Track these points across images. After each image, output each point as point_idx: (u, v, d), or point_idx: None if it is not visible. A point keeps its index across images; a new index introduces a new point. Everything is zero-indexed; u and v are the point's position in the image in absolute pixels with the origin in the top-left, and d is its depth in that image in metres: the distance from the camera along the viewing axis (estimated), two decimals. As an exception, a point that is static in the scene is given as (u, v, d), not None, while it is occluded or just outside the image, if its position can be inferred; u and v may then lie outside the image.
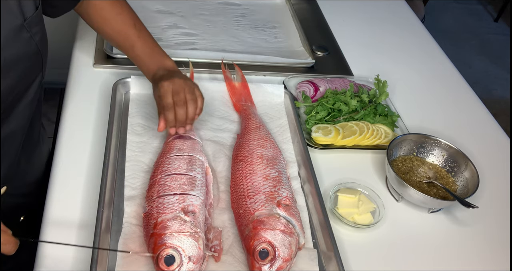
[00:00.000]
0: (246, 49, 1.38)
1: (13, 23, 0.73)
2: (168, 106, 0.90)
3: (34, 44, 0.79)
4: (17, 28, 0.74)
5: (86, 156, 0.98)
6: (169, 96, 0.90)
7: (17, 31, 0.74)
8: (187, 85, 0.92)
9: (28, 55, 0.79)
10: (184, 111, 0.91)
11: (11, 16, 0.73)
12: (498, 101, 3.07)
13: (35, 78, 0.85)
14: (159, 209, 0.81)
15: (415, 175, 1.05)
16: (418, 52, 1.56)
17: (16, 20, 0.74)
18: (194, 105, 0.92)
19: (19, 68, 0.78)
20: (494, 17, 4.06)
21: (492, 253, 0.98)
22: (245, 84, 1.17)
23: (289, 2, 1.62)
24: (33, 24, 0.77)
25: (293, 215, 0.85)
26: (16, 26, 0.74)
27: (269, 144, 0.99)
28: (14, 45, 0.75)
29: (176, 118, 0.91)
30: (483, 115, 1.36)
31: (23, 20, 0.75)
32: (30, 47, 0.78)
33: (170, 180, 0.86)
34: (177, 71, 0.98)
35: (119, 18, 0.99)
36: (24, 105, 0.85)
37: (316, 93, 1.21)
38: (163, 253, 0.75)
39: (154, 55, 0.99)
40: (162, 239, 0.76)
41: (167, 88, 0.90)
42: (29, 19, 0.76)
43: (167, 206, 0.81)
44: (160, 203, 0.82)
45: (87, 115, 1.07)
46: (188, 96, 0.91)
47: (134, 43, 0.99)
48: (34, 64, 0.82)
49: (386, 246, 0.94)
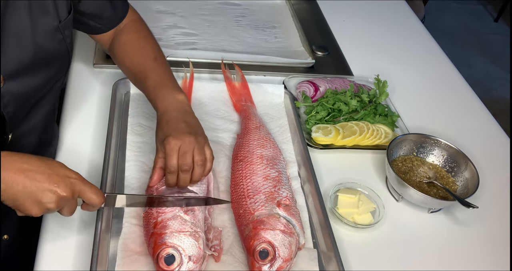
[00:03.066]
0: (246, 49, 1.38)
1: (52, 23, 0.79)
2: (172, 170, 0.81)
3: (65, 46, 0.83)
4: (54, 29, 0.80)
5: (86, 155, 0.98)
6: (175, 157, 0.80)
7: (53, 32, 0.80)
8: (197, 143, 0.82)
9: (60, 55, 0.84)
10: (189, 177, 0.82)
11: (50, 17, 0.79)
12: (498, 101, 3.07)
13: (61, 78, 0.89)
14: (158, 209, 0.81)
15: (415, 175, 1.05)
16: (418, 52, 1.56)
17: (53, 21, 0.79)
18: (201, 169, 0.82)
19: (51, 67, 0.83)
20: (494, 17, 4.06)
21: (492, 253, 0.98)
22: (245, 84, 1.17)
23: (289, 2, 1.62)
24: (66, 27, 0.82)
25: (293, 215, 0.85)
26: (53, 27, 0.79)
27: (269, 144, 0.99)
28: (49, 45, 0.80)
29: (177, 183, 0.83)
30: (483, 115, 1.36)
31: (58, 22, 0.80)
32: (62, 48, 0.83)
33: None
34: (189, 112, 0.88)
35: (141, 51, 0.96)
36: (46, 102, 0.89)
37: (316, 93, 1.21)
38: (163, 252, 0.75)
39: (166, 87, 0.90)
40: (162, 238, 0.76)
41: (174, 147, 0.80)
42: (63, 22, 0.81)
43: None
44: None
45: (87, 115, 1.07)
46: (196, 158, 0.81)
47: (149, 74, 0.92)
48: (62, 65, 0.87)
49: (386, 246, 0.94)
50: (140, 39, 0.98)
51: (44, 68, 0.81)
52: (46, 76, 0.83)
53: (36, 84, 0.81)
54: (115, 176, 0.93)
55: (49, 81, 0.85)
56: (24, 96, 0.80)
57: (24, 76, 0.77)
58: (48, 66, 0.82)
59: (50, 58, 0.81)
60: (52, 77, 0.85)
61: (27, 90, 0.80)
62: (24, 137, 0.87)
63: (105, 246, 0.80)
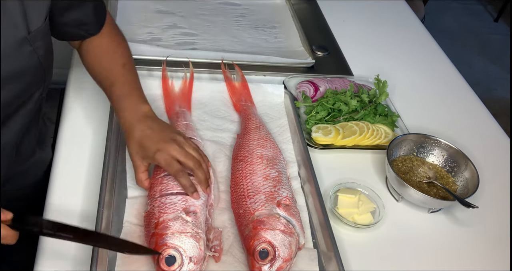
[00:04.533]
0: (246, 49, 1.38)
1: (16, 36, 0.71)
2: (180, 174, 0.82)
3: (36, 58, 0.76)
4: (19, 41, 0.71)
5: (86, 156, 0.98)
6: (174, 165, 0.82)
7: (18, 45, 0.71)
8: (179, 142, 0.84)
9: (29, 70, 0.76)
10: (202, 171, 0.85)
11: (14, 29, 0.70)
12: (498, 101, 3.07)
13: (35, 92, 0.82)
14: (160, 209, 0.81)
15: (415, 175, 1.05)
16: (418, 52, 1.56)
17: (19, 33, 0.71)
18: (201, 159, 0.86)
19: (19, 82, 0.75)
20: (494, 17, 4.06)
21: (492, 253, 0.98)
22: (245, 84, 1.17)
23: (289, 2, 1.62)
24: (38, 38, 0.74)
25: (293, 215, 0.85)
26: (18, 39, 0.71)
27: (269, 144, 0.99)
28: (14, 58, 0.72)
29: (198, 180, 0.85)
30: (483, 115, 1.36)
31: (27, 33, 0.72)
32: (31, 61, 0.75)
33: (172, 179, 0.86)
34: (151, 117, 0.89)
35: (111, 56, 0.94)
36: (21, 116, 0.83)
37: (316, 93, 1.21)
38: (164, 253, 0.75)
39: (130, 98, 0.89)
40: (163, 239, 0.76)
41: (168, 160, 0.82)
42: (34, 33, 0.73)
43: (169, 206, 0.81)
44: (162, 202, 0.82)
45: (87, 116, 1.07)
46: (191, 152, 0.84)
47: (115, 81, 0.90)
48: (34, 79, 0.79)
49: (386, 246, 0.94)
50: (112, 43, 0.95)
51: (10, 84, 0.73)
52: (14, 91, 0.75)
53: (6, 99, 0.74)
54: (115, 176, 0.93)
55: (21, 95, 0.78)
56: None
57: None
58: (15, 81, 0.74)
59: (17, 73, 0.73)
60: (24, 92, 0.78)
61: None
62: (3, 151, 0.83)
63: (105, 246, 0.80)
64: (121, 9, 1.42)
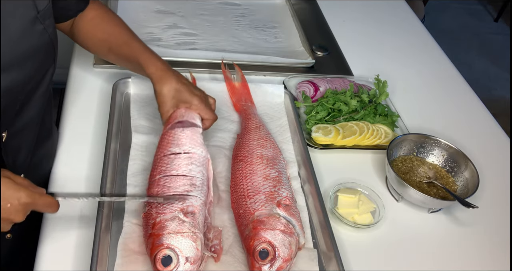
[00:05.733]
0: (246, 49, 1.38)
1: (29, 15, 0.75)
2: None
3: (47, 35, 0.80)
4: (32, 20, 0.76)
5: (86, 155, 0.98)
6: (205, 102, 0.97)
7: (32, 23, 0.76)
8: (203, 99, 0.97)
9: (43, 47, 0.81)
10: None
11: (27, 8, 0.75)
12: (498, 101, 3.07)
13: (49, 69, 0.87)
14: (158, 209, 0.81)
15: (415, 175, 1.05)
16: (418, 52, 1.56)
17: (30, 12, 0.76)
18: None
19: (35, 59, 0.80)
20: (494, 17, 4.06)
21: (492, 253, 0.98)
22: (245, 84, 1.17)
23: (289, 2, 1.62)
24: (46, 17, 0.79)
25: (293, 215, 0.85)
26: (31, 18, 0.76)
27: (269, 144, 0.99)
28: (30, 36, 0.77)
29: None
30: (483, 115, 1.36)
31: (36, 13, 0.76)
32: (44, 38, 0.80)
33: (169, 181, 0.85)
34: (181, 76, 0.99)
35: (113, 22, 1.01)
36: (39, 95, 0.87)
37: (316, 93, 1.21)
38: (160, 253, 0.75)
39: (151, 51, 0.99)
40: (160, 239, 0.76)
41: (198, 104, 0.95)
42: (42, 12, 0.78)
43: (166, 206, 0.81)
44: (159, 203, 0.82)
45: (87, 116, 1.07)
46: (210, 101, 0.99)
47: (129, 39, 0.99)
48: (48, 55, 0.84)
49: (386, 246, 0.94)
50: (108, 12, 1.00)
51: (28, 62, 0.78)
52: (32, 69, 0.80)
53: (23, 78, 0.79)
54: (115, 176, 0.93)
55: (37, 73, 0.83)
56: (12, 91, 0.77)
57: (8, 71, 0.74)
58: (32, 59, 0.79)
59: (33, 50, 0.78)
60: (38, 69, 0.83)
61: (13, 85, 0.77)
62: (21, 133, 0.86)
63: (105, 246, 0.80)
64: (121, 9, 1.42)
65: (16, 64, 0.75)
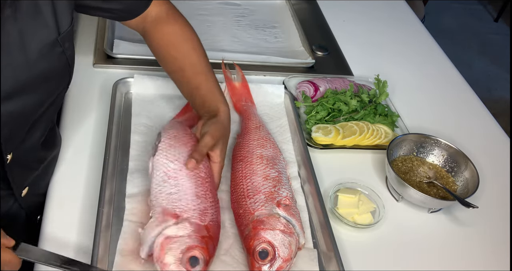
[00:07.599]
0: (246, 49, 1.38)
1: (49, 38, 0.73)
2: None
3: (65, 58, 0.78)
4: (52, 43, 0.74)
5: (86, 155, 0.98)
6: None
7: (52, 45, 0.74)
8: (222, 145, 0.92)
9: (59, 70, 0.78)
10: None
11: (47, 31, 0.72)
12: (498, 101, 3.07)
13: (62, 91, 0.84)
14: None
15: (415, 175, 1.05)
16: (418, 52, 1.56)
17: (52, 34, 0.73)
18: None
19: (50, 82, 0.77)
20: (494, 17, 4.06)
21: (492, 253, 0.98)
22: (245, 84, 1.17)
23: (289, 2, 1.62)
24: (66, 39, 0.77)
25: (293, 215, 0.85)
26: (51, 40, 0.73)
27: (269, 144, 0.99)
28: (47, 60, 0.74)
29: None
30: (483, 115, 1.36)
31: (57, 35, 0.74)
32: (61, 61, 0.78)
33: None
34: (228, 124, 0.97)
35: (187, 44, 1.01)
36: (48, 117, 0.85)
37: (316, 93, 1.21)
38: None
39: (215, 94, 0.97)
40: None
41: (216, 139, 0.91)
42: (63, 34, 0.75)
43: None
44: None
45: (87, 116, 1.07)
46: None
47: (202, 71, 0.98)
48: (63, 79, 0.82)
49: (386, 246, 0.94)
50: (184, 29, 1.01)
51: (42, 85, 0.75)
52: (45, 92, 0.78)
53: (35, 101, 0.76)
54: (115, 175, 0.93)
55: (50, 96, 0.80)
56: (23, 115, 0.75)
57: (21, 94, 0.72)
58: (47, 81, 0.76)
59: (49, 73, 0.76)
60: (52, 92, 0.80)
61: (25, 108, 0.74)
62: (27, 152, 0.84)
63: (105, 246, 0.80)
64: (121, 9, 1.41)
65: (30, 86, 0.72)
